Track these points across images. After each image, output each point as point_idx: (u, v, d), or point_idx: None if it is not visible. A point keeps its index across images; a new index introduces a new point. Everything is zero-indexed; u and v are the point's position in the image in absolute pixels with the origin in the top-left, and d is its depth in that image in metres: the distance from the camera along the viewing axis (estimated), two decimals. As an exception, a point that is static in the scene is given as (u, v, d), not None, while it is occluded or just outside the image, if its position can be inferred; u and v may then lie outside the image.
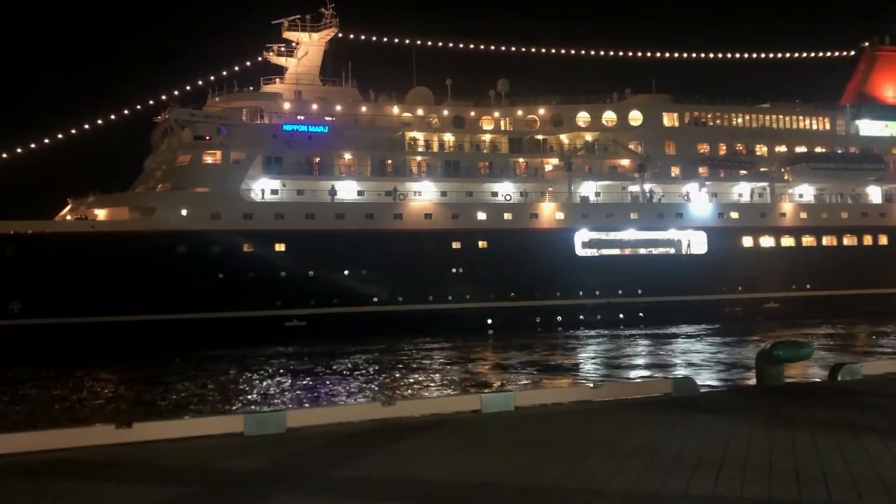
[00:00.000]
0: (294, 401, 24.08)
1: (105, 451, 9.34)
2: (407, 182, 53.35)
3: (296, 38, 56.41)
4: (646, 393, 12.90)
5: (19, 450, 9.31)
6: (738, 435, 8.80)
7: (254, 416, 10.40)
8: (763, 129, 63.54)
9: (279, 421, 10.26)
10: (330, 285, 48.11)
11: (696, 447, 8.23)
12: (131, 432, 9.81)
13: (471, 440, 9.21)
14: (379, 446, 9.01)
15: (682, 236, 57.94)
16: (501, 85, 59.23)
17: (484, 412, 11.22)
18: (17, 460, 8.92)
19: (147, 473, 8.12)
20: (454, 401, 13.14)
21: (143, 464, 8.61)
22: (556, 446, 8.63)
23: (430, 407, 12.08)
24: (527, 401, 12.08)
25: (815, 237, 60.53)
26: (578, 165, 57.47)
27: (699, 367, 30.60)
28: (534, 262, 52.29)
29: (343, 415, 11.48)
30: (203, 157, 49.54)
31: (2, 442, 9.34)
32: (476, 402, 11.56)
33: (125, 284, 43.78)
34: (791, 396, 11.96)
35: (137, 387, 27.58)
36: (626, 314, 54.25)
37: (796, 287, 58.45)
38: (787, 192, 61.99)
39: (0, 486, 7.88)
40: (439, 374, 29.90)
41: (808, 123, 65.49)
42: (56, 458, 8.96)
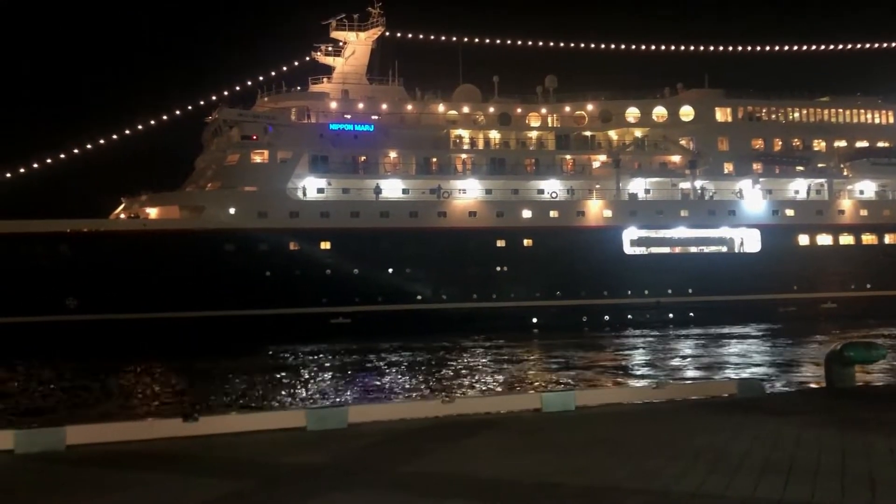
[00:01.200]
0: (349, 397, 24.32)
1: (172, 443, 9.56)
2: (452, 180, 53.40)
3: (343, 38, 56.92)
4: (709, 394, 12.75)
5: (90, 441, 9.63)
6: (807, 438, 8.61)
7: (316, 412, 10.59)
8: (821, 123, 61.80)
9: (341, 416, 10.43)
10: (374, 283, 48.46)
11: (763, 450, 8.11)
12: (197, 426, 10.06)
13: (532, 439, 9.22)
14: (440, 443, 9.03)
15: (734, 234, 56.78)
16: (549, 81, 58.83)
17: (544, 411, 11.25)
18: (89, 451, 9.23)
19: (213, 467, 8.27)
20: (514, 399, 13.16)
21: (208, 457, 8.78)
22: (619, 447, 8.57)
23: (489, 405, 12.10)
24: (588, 400, 12.04)
25: (876, 235, 58.62)
26: (627, 162, 56.72)
27: (761, 368, 29.81)
28: (580, 261, 51.81)
29: (403, 412, 11.59)
30: (251, 157, 50.38)
31: (74, 433, 9.64)
32: (536, 401, 11.60)
33: (175, 282, 44.75)
34: (863, 399, 11.73)
35: (194, 382, 28.27)
36: (675, 314, 53.36)
37: (855, 287, 56.76)
38: (847, 188, 60.10)
39: (72, 476, 8.16)
40: (491, 372, 29.75)
41: (870, 117, 63.49)
42: (126, 449, 9.25)
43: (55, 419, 19.06)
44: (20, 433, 9.52)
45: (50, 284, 43.63)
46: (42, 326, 42.35)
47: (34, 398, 25.03)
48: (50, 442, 9.39)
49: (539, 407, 11.38)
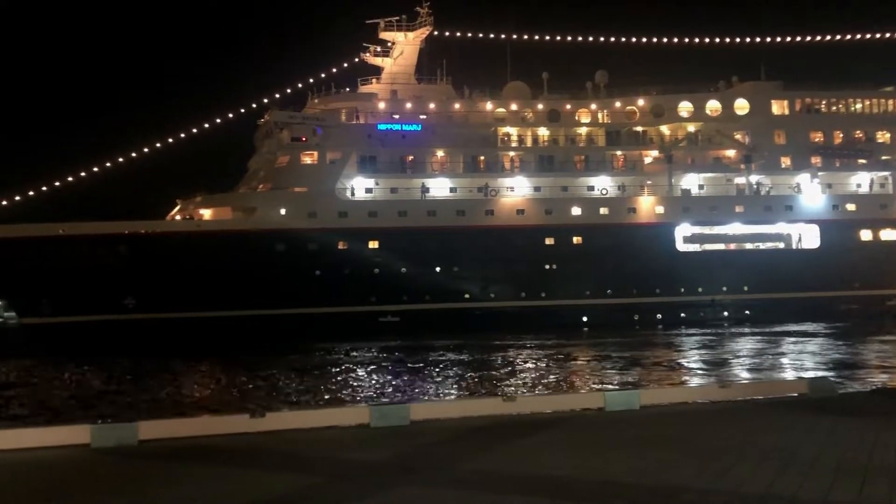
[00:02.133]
0: (403, 395, 24.54)
1: (241, 439, 9.82)
2: (499, 178, 53.25)
3: (391, 38, 57.28)
4: (778, 393, 12.60)
5: (162, 436, 9.99)
6: (883, 440, 8.42)
7: (379, 409, 10.78)
8: (886, 114, 59.79)
9: (403, 414, 10.62)
10: (422, 282, 48.74)
11: (836, 451, 7.94)
12: (264, 422, 10.32)
13: (596, 438, 9.21)
14: (503, 441, 9.05)
15: (792, 230, 55.38)
16: (600, 76, 58.20)
17: (608, 410, 11.22)
18: (160, 446, 9.55)
19: (280, 462, 8.44)
20: (577, 398, 13.23)
21: (276, 452, 8.98)
22: (685, 446, 8.45)
23: (551, 404, 12.17)
24: (652, 399, 12.02)
25: (944, 230, 56.48)
26: (679, 157, 55.78)
27: (827, 368, 28.87)
28: (632, 258, 51.18)
29: (465, 409, 11.71)
30: (301, 158, 51.12)
31: (146, 428, 10.02)
32: (600, 400, 11.57)
33: (228, 281, 45.65)
34: None
35: (251, 380, 28.71)
36: (730, 312, 52.31)
37: (922, 284, 54.73)
38: (914, 181, 58.05)
39: (145, 469, 8.48)
40: (544, 371, 29.46)
41: (938, 107, 61.09)
42: (195, 444, 9.53)
43: (128, 415, 19.58)
44: (96, 428, 9.92)
45: (109, 284, 44.91)
46: (102, 325, 43.63)
47: (104, 395, 25.90)
48: (124, 437, 9.76)
49: (602, 406, 11.34)
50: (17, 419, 20.82)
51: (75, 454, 9.35)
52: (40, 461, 9.02)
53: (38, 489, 7.79)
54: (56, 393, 26.67)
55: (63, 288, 44.54)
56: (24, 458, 9.17)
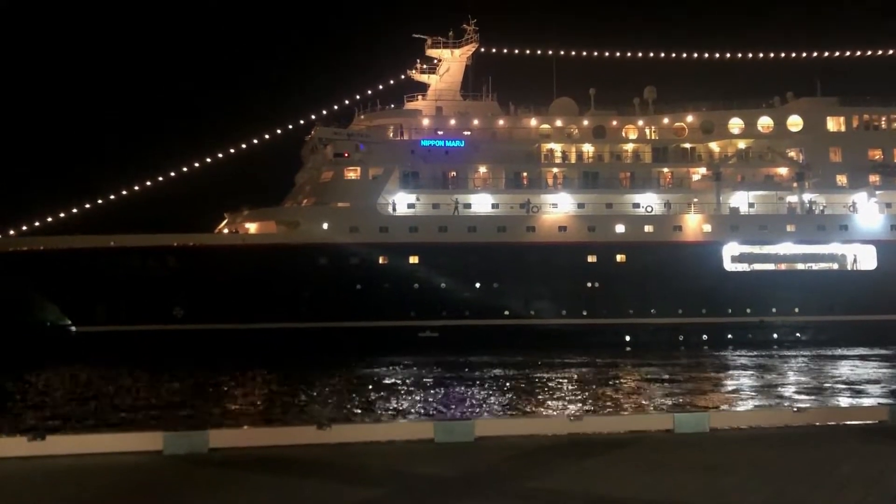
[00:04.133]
0: (458, 410, 24.67)
1: (307, 450, 10.17)
2: (542, 194, 53.87)
3: (438, 56, 58.82)
4: (856, 419, 12.40)
5: (231, 444, 10.46)
6: None
7: (443, 424, 10.97)
8: (949, 131, 57.94)
9: (468, 429, 10.72)
10: (462, 297, 49.67)
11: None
12: (331, 433, 10.68)
13: (665, 460, 9.17)
14: (568, 461, 9.12)
15: (847, 251, 54.28)
16: (648, 92, 58.41)
17: (676, 432, 11.15)
18: (230, 454, 10.02)
19: (346, 474, 8.76)
20: (645, 419, 13.36)
21: (342, 464, 9.30)
22: (758, 471, 8.40)
23: (618, 424, 12.19)
24: (723, 422, 11.90)
25: None
26: (729, 175, 55.41)
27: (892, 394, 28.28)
28: (677, 277, 51.04)
29: (530, 427, 11.84)
30: (344, 174, 52.87)
31: (216, 437, 10.54)
32: (668, 422, 11.49)
33: (272, 294, 47.38)
34: None
35: (302, 391, 29.36)
36: (780, 334, 51.42)
37: None
38: (980, 201, 56.00)
39: (215, 477, 8.96)
40: (597, 390, 29.23)
41: None
42: (264, 454, 9.91)
43: (199, 423, 20.50)
44: (168, 435, 10.42)
45: (159, 295, 47.22)
46: (152, 334, 45.85)
47: (170, 403, 26.83)
48: (195, 444, 10.26)
49: (671, 428, 11.25)
50: (89, 425, 21.79)
51: (148, 460, 9.76)
52: (115, 466, 9.46)
53: (113, 493, 8.23)
54: (120, 400, 27.73)
55: (115, 297, 47.03)
56: (99, 462, 9.62)
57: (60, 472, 9.24)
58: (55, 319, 52.95)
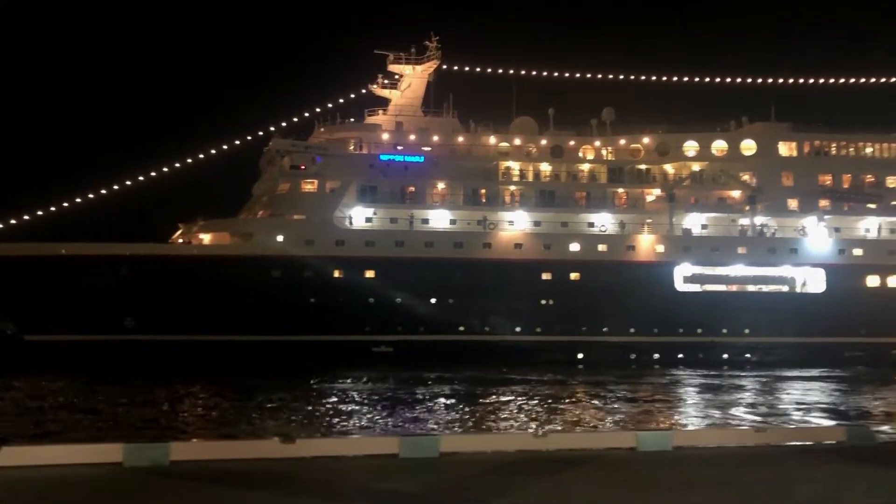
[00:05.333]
0: (408, 426, 24.96)
1: (271, 464, 10.11)
2: (499, 211, 54.80)
3: (399, 71, 59.72)
4: (815, 439, 12.67)
5: (193, 457, 10.51)
6: None
7: (409, 439, 11.16)
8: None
9: (433, 445, 10.91)
10: (417, 313, 50.28)
11: (881, 501, 8.03)
12: (294, 448, 10.73)
13: (628, 478, 9.42)
14: (533, 477, 9.31)
15: (796, 273, 55.98)
16: (606, 114, 59.97)
17: (640, 450, 11.36)
18: (192, 467, 10.06)
19: (310, 489, 8.78)
20: (608, 436, 13.63)
21: (306, 479, 9.34)
22: (720, 490, 8.57)
23: (582, 441, 12.50)
24: (686, 441, 12.11)
25: (955, 278, 56.45)
26: (682, 196, 57.05)
27: (839, 415, 29.30)
28: (630, 297, 52.36)
29: (495, 443, 12.16)
30: (301, 186, 53.32)
31: (178, 449, 10.57)
32: (632, 440, 11.71)
33: (225, 306, 47.43)
34: None
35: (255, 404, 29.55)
36: (730, 355, 52.73)
37: (931, 334, 54.69)
38: (923, 228, 58.24)
39: (176, 490, 8.94)
40: (555, 407, 30.10)
41: (952, 153, 61.37)
42: (226, 467, 9.96)
43: (160, 435, 20.43)
44: (128, 447, 10.39)
45: (111, 305, 46.99)
46: (101, 345, 45.56)
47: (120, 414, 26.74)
48: (156, 457, 10.25)
49: (634, 446, 11.46)
50: (45, 436, 21.56)
51: (108, 472, 9.66)
52: (74, 478, 9.32)
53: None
54: (74, 411, 27.56)
55: (66, 307, 46.69)
56: (58, 474, 9.46)
57: (19, 484, 9.11)
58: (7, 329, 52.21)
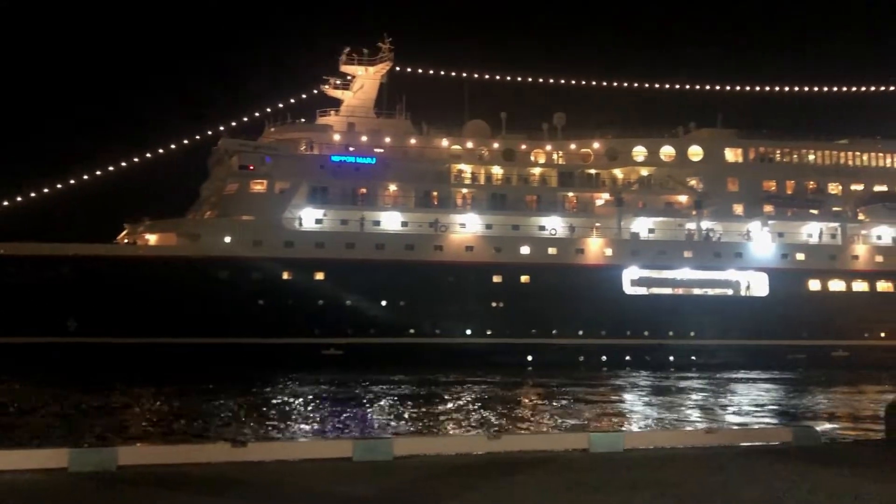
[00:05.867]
0: (358, 429, 24.87)
1: (222, 468, 10.02)
2: (451, 214, 55.27)
3: (352, 72, 59.83)
4: (763, 440, 13.04)
5: (141, 462, 10.31)
6: (868, 491, 8.70)
7: (362, 442, 11.13)
8: (838, 166, 62.72)
9: (387, 448, 10.90)
10: (367, 315, 50.38)
11: (820, 502, 8.25)
12: (246, 451, 10.62)
13: (581, 480, 9.50)
14: (486, 480, 9.40)
15: (741, 277, 57.51)
16: (558, 119, 60.95)
17: (592, 452, 11.55)
18: (140, 472, 9.88)
19: (262, 493, 8.72)
20: (561, 438, 13.73)
21: (257, 484, 9.24)
22: (670, 492, 8.74)
23: (536, 443, 12.67)
24: (637, 442, 12.36)
25: (892, 283, 58.58)
26: (631, 201, 58.19)
27: (793, 416, 30.02)
28: (578, 299, 53.24)
29: (449, 445, 12.20)
30: (250, 186, 53.05)
31: (125, 454, 10.38)
32: (584, 441, 11.89)
33: (169, 308, 47.05)
34: None
35: (200, 408, 29.49)
36: (676, 357, 53.92)
37: (869, 336, 56.61)
38: (862, 233, 60.33)
39: (124, 496, 8.81)
40: (507, 409, 30.29)
41: (890, 161, 63.79)
42: (175, 472, 9.85)
43: (106, 439, 20.11)
44: (74, 452, 10.19)
45: (53, 306, 46.10)
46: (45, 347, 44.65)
47: (59, 418, 26.29)
48: (103, 461, 10.04)
49: (586, 447, 11.63)
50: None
51: (52, 479, 9.44)
52: (16, 484, 9.06)
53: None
54: (15, 415, 27.15)
55: (6, 308, 45.63)
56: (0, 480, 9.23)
57: None
58: None
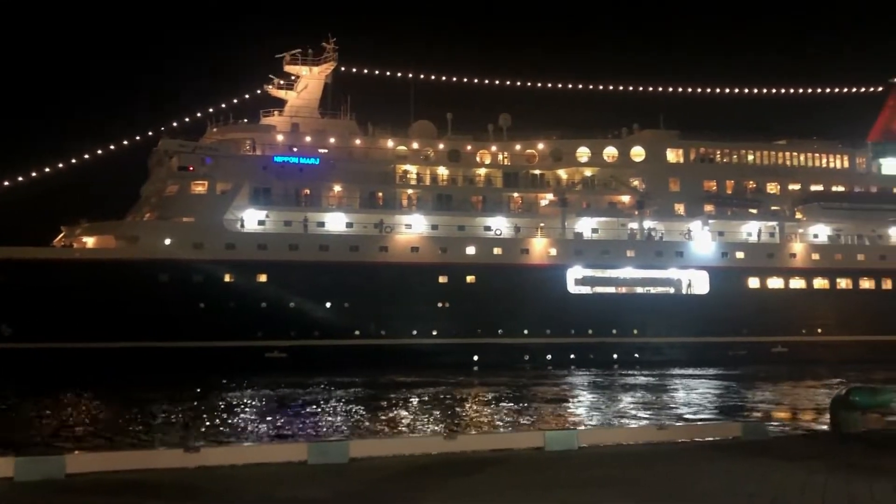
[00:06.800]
0: (310, 432, 24.93)
1: (175, 474, 10.02)
2: (396, 215, 55.64)
3: (296, 72, 60.00)
4: (714, 436, 13.51)
5: (91, 469, 10.21)
6: (813, 483, 9.05)
7: (317, 445, 11.18)
8: (776, 166, 64.94)
9: (342, 451, 10.95)
10: (312, 317, 50.53)
11: (769, 494, 8.56)
12: (199, 456, 10.63)
13: (536, 478, 9.76)
14: (442, 480, 9.55)
15: (682, 276, 59.06)
16: (503, 120, 61.91)
17: (547, 450, 11.79)
18: (89, 479, 9.78)
19: (216, 499, 8.73)
20: (516, 437, 14.07)
21: (211, 489, 9.22)
22: (624, 488, 9.05)
23: (491, 442, 12.90)
24: (591, 440, 12.70)
25: (828, 280, 60.71)
26: (575, 201, 59.44)
27: (740, 411, 30.88)
28: (523, 299, 54.06)
29: (405, 447, 12.31)
30: (190, 188, 52.79)
31: (74, 461, 10.27)
32: (539, 440, 12.15)
33: (108, 311, 46.63)
34: (869, 444, 12.24)
35: (142, 413, 29.39)
36: (620, 355, 55.14)
37: (806, 332, 58.60)
38: (799, 232, 62.44)
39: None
40: (454, 410, 30.62)
41: (826, 161, 66.45)
42: (126, 479, 9.76)
43: (55, 447, 19.81)
44: (20, 460, 9.98)
45: None
46: None
47: None
48: (50, 470, 9.89)
49: (541, 445, 11.88)
50: None
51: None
52: None
53: None
54: None
55: None
56: None
57: None
58: None
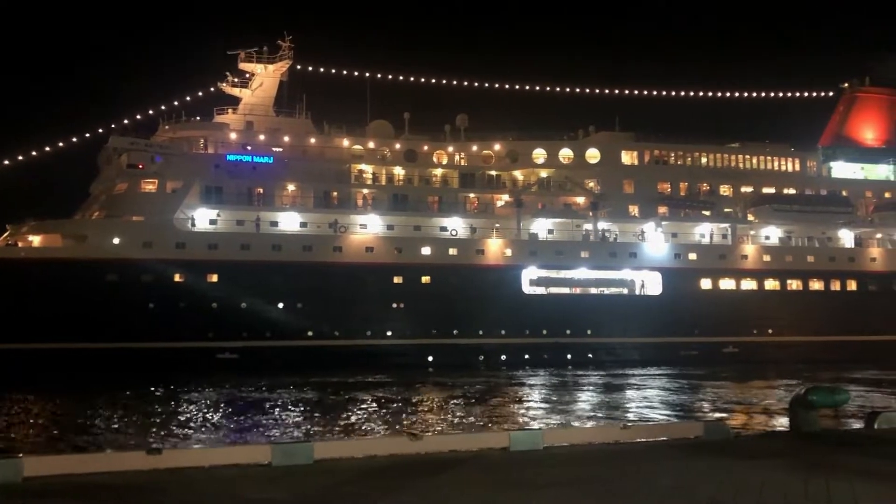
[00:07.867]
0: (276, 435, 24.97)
1: (136, 476, 9.91)
2: (351, 215, 55.90)
3: (251, 70, 60.01)
4: (676, 435, 13.77)
5: (49, 472, 10.04)
6: (772, 481, 9.29)
7: (281, 447, 11.14)
8: (728, 169, 66.54)
9: (307, 452, 10.97)
10: (264, 318, 50.52)
11: (729, 493, 8.79)
12: (161, 459, 10.55)
13: (501, 479, 9.90)
14: (408, 481, 9.66)
15: (635, 276, 60.29)
16: (460, 120, 62.61)
17: (512, 450, 11.95)
18: (48, 483, 9.65)
19: (179, 501, 8.72)
20: (481, 437, 14.32)
21: (173, 492, 9.20)
22: (587, 487, 9.24)
23: (457, 443, 13.10)
24: (556, 440, 12.89)
25: (778, 281, 62.40)
26: (530, 202, 60.30)
27: (698, 410, 31.58)
28: (478, 299, 54.81)
29: (370, 447, 12.46)
30: (140, 186, 52.43)
31: (31, 464, 10.07)
32: (504, 440, 12.29)
33: (55, 312, 46.13)
34: (827, 443, 12.63)
35: (77, 414, 29.30)
36: (574, 355, 56.09)
37: (757, 332, 60.20)
38: (750, 233, 64.09)
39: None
40: (411, 410, 30.95)
41: (777, 164, 68.34)
42: (86, 482, 9.64)
43: (5, 450, 19.81)
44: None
45: None
46: None
47: None
48: (6, 473, 9.66)
49: (506, 445, 12.03)
50: None
51: None
52: None
53: None
54: None
55: None
56: None
57: None
58: None
